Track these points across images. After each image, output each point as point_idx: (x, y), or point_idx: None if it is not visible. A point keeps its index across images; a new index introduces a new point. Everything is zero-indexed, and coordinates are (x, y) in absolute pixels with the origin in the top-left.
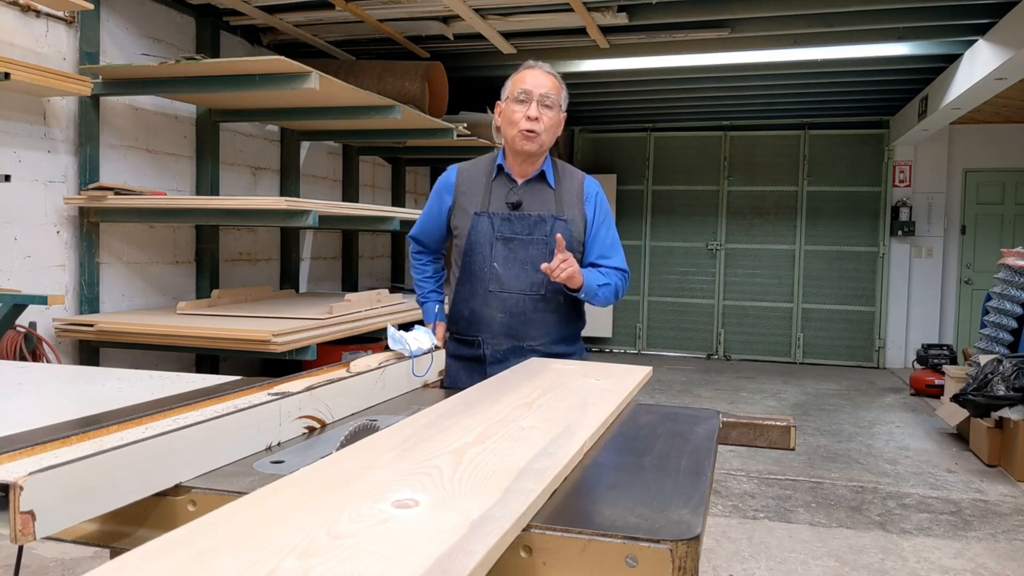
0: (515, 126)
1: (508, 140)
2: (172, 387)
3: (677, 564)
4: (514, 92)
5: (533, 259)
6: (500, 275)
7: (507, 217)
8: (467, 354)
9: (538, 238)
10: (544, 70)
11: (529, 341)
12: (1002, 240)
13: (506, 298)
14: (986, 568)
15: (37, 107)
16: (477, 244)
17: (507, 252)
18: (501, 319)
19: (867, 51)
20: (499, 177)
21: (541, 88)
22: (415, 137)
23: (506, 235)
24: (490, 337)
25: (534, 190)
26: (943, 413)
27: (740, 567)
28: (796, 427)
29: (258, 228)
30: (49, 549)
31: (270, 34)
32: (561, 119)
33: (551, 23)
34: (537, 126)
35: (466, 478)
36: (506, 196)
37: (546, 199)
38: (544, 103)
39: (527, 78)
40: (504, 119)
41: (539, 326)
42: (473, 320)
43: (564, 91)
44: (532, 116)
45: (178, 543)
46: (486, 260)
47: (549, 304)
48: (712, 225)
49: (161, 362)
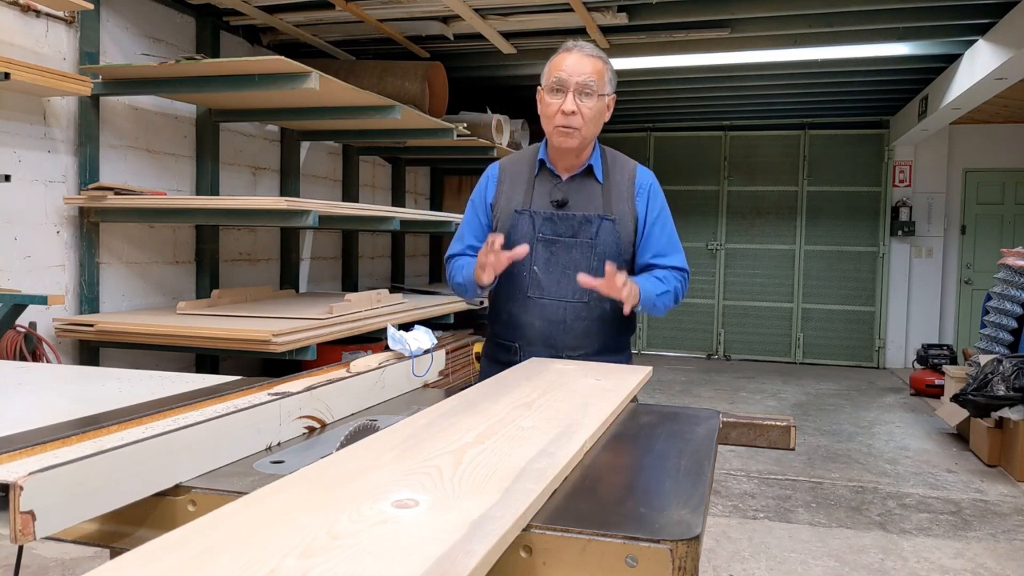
0: (551, 120)
1: (547, 135)
2: (172, 387)
3: (677, 564)
4: (549, 81)
5: (576, 263)
6: (540, 280)
7: (549, 217)
8: (504, 359)
9: (583, 240)
10: (584, 53)
11: (568, 351)
12: (1002, 240)
13: (545, 305)
14: (986, 568)
15: (37, 107)
16: (517, 245)
17: (548, 255)
18: (539, 326)
19: (867, 51)
20: (542, 172)
21: (579, 76)
22: (415, 137)
23: (548, 236)
24: (527, 344)
25: (580, 186)
26: (943, 413)
27: (740, 567)
28: (796, 427)
29: (258, 228)
30: (49, 549)
31: (270, 34)
32: (606, 106)
33: (551, 23)
34: (575, 120)
35: (466, 478)
36: (550, 193)
37: (593, 195)
38: (583, 92)
39: (563, 64)
40: (541, 111)
41: (580, 335)
42: (511, 324)
43: (610, 72)
44: (568, 110)
45: (178, 543)
46: (526, 263)
47: (593, 312)
48: (712, 225)
49: (161, 362)
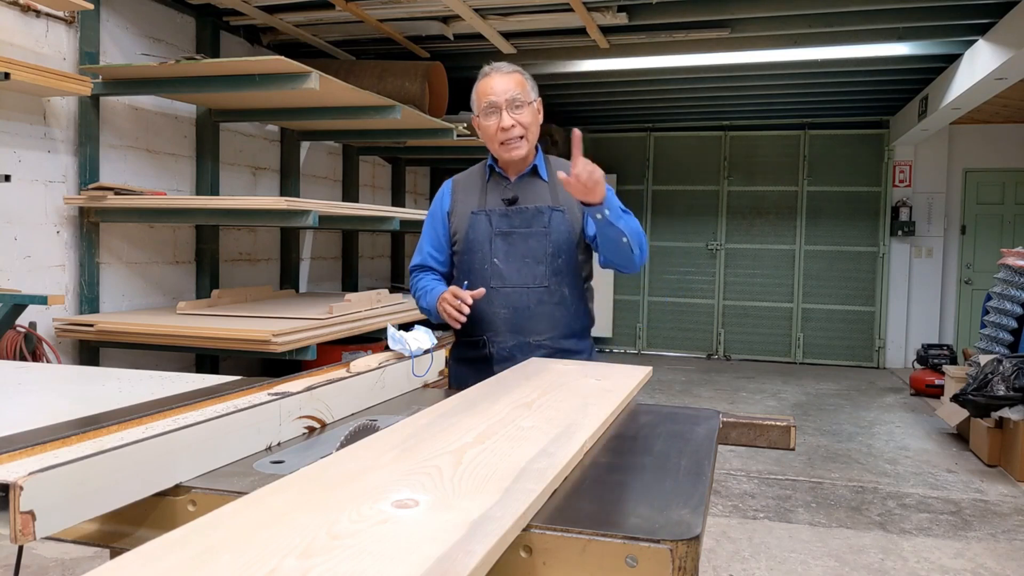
0: (494, 139)
1: (494, 153)
2: (172, 387)
3: (677, 564)
4: (481, 106)
5: (533, 252)
6: (501, 270)
7: (504, 213)
8: (473, 355)
9: (537, 230)
10: (502, 72)
11: (535, 336)
12: (1002, 240)
13: (509, 293)
14: (986, 568)
15: (37, 107)
16: (476, 242)
17: (507, 247)
18: (505, 315)
19: (867, 51)
20: (492, 177)
21: (505, 93)
22: (415, 137)
23: (504, 230)
24: (495, 335)
25: (528, 184)
26: (943, 413)
27: (740, 567)
28: (796, 427)
29: (258, 228)
30: (49, 549)
31: (270, 34)
32: (537, 111)
33: (551, 23)
34: (515, 131)
35: (466, 478)
36: (501, 193)
37: (541, 192)
38: (514, 106)
39: (489, 87)
40: (483, 135)
41: (544, 320)
42: (476, 320)
43: (529, 81)
44: (506, 126)
45: (178, 543)
46: (486, 257)
47: (553, 296)
48: (712, 225)
49: (161, 362)
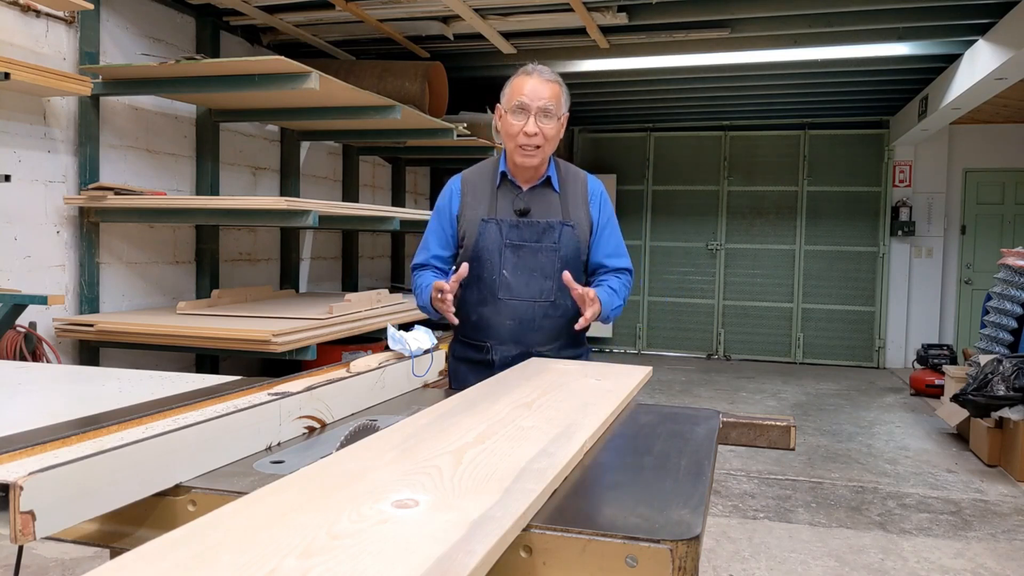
0: (513, 139)
1: (508, 151)
2: (172, 387)
3: (677, 564)
4: (511, 103)
5: (542, 266)
6: (510, 282)
7: (515, 224)
8: (475, 358)
9: (547, 245)
10: (543, 78)
11: (537, 347)
12: (1002, 240)
13: (516, 306)
14: (986, 568)
15: (37, 107)
16: (486, 251)
17: (516, 259)
18: (510, 326)
19: (867, 51)
20: (503, 184)
21: (539, 100)
22: (415, 137)
23: (515, 242)
24: (498, 343)
25: (540, 196)
26: (943, 413)
27: (740, 567)
28: (796, 427)
29: (258, 228)
30: (49, 549)
31: (270, 34)
32: (562, 125)
33: (551, 23)
34: (536, 140)
35: (466, 478)
36: (512, 203)
37: (552, 204)
38: (544, 115)
39: (525, 88)
40: (503, 130)
41: (548, 332)
42: (481, 326)
43: (565, 94)
44: (531, 132)
45: (178, 543)
46: (495, 267)
47: (558, 310)
48: (712, 225)
49: (161, 362)
